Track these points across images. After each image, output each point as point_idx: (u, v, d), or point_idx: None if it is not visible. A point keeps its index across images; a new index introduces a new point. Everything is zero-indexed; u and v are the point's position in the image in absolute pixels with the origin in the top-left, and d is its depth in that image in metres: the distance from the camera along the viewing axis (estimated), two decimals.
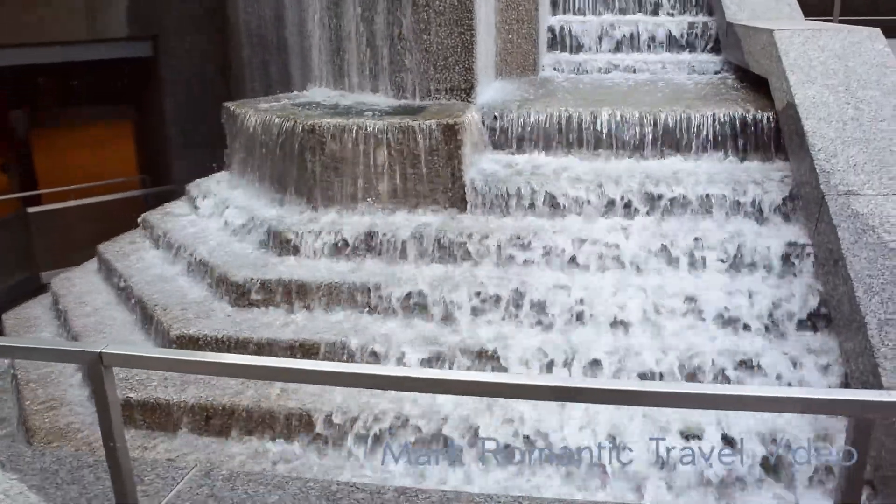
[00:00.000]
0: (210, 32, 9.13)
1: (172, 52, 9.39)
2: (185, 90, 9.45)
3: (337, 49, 5.49)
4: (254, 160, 5.21)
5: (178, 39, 9.37)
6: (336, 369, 2.21)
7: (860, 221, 3.59)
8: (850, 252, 3.49)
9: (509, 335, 3.87)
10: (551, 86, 5.90)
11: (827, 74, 4.56)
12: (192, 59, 9.36)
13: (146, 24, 9.34)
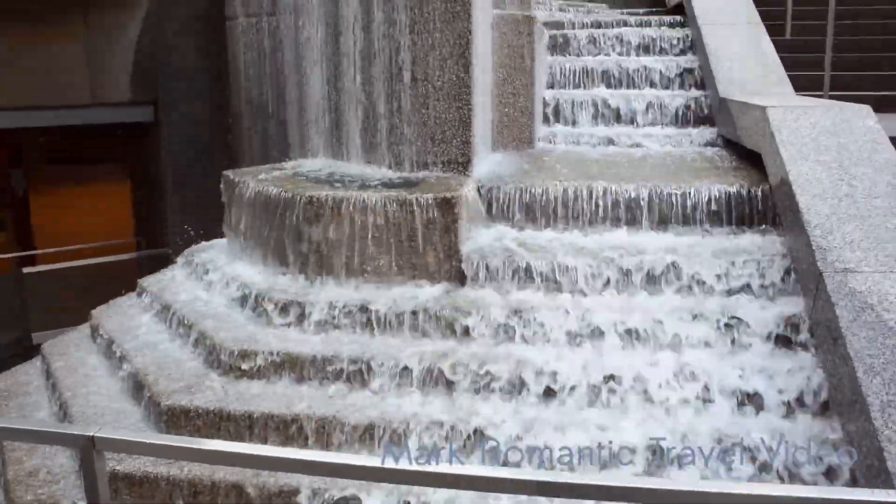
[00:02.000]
0: (211, 100, 9.27)
1: (173, 117, 9.51)
2: (183, 155, 9.54)
3: (336, 121, 5.56)
4: (251, 229, 5.22)
5: (179, 105, 9.50)
6: (326, 459, 2.18)
7: (858, 299, 3.59)
8: (849, 331, 3.47)
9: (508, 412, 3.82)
10: (547, 159, 5.96)
11: (819, 151, 4.61)
12: (193, 124, 9.47)
13: (148, 90, 9.49)
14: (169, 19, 9.37)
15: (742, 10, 7.67)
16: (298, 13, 6.12)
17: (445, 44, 4.91)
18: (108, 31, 9.23)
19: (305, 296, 4.55)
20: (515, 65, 6.09)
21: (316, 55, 5.70)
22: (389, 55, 5.03)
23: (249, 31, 7.32)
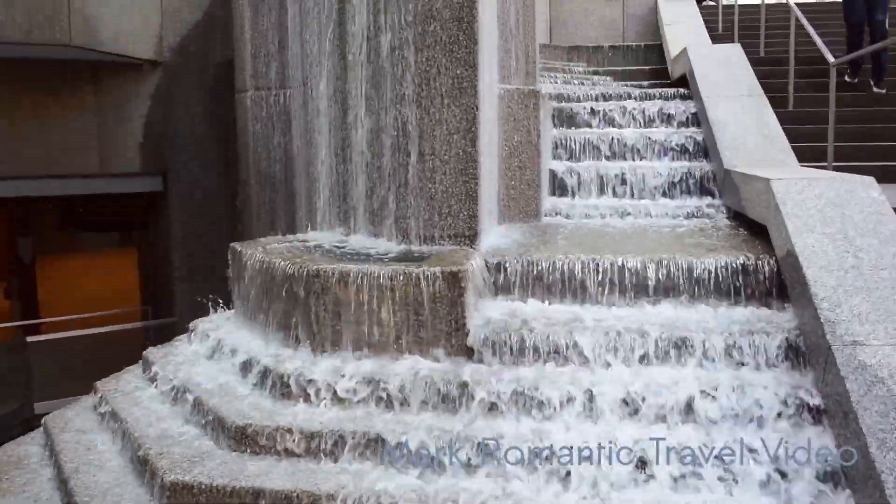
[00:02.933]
0: (219, 170, 9.39)
1: (181, 187, 9.63)
2: (191, 224, 9.62)
3: (343, 194, 5.61)
4: (258, 301, 5.22)
5: (187, 175, 9.62)
6: None
7: (869, 373, 3.55)
8: (860, 405, 3.44)
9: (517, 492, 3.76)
10: (553, 231, 5.99)
11: (825, 223, 4.63)
12: (201, 194, 9.58)
13: (157, 160, 9.61)
14: (179, 91, 9.55)
15: (745, 83, 7.79)
16: (308, 87, 6.22)
17: (452, 118, 4.98)
18: (119, 102, 9.40)
19: (311, 369, 4.52)
20: (522, 138, 6.17)
21: (324, 128, 5.78)
22: (397, 129, 5.10)
23: (259, 104, 7.44)
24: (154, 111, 9.45)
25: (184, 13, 9.52)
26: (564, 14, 13.20)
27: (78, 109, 9.17)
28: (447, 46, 4.93)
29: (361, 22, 5.32)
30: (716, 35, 11.90)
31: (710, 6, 14.49)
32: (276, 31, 7.32)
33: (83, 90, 9.19)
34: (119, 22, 8.58)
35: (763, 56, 10.26)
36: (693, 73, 8.07)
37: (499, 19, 5.98)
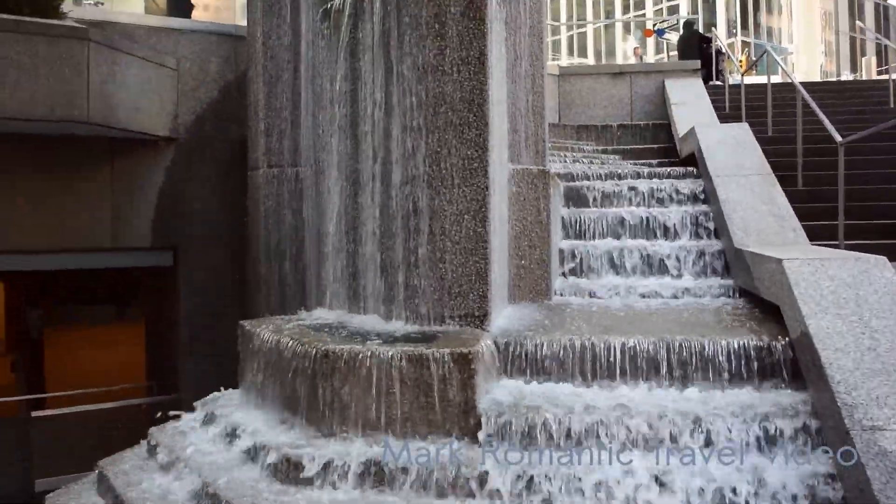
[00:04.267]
0: (230, 246, 9.42)
1: (191, 262, 9.64)
2: (200, 300, 9.61)
3: (353, 273, 5.61)
4: (266, 381, 5.18)
5: (198, 251, 9.65)
6: None
7: (890, 459, 3.47)
8: (882, 494, 3.36)
9: None
10: (563, 311, 5.95)
11: (839, 304, 4.59)
12: (210, 270, 9.59)
13: (169, 236, 9.65)
14: (193, 168, 9.66)
15: (754, 162, 7.84)
16: (320, 166, 6.29)
17: (462, 199, 5.00)
18: (134, 178, 9.49)
19: (319, 452, 4.44)
20: (531, 218, 6.19)
21: (335, 207, 5.81)
22: (407, 210, 5.12)
23: (271, 181, 7.52)
24: (167, 187, 9.54)
25: (200, 92, 9.71)
26: (573, 93, 13.40)
27: (93, 184, 9.25)
28: (458, 128, 5.00)
29: (373, 103, 5.40)
30: (723, 114, 12.03)
31: (717, 86, 14.73)
32: (289, 109, 7.44)
33: (99, 166, 9.30)
34: (136, 100, 8.73)
35: (771, 135, 10.34)
36: (701, 152, 8.13)
37: (509, 101, 6.07)
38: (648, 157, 10.76)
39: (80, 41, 7.82)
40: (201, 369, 9.28)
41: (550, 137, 8.53)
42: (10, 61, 7.42)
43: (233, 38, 9.85)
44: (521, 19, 6.44)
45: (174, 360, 10.00)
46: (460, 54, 4.99)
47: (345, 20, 5.61)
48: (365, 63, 5.47)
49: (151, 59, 9.13)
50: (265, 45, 7.59)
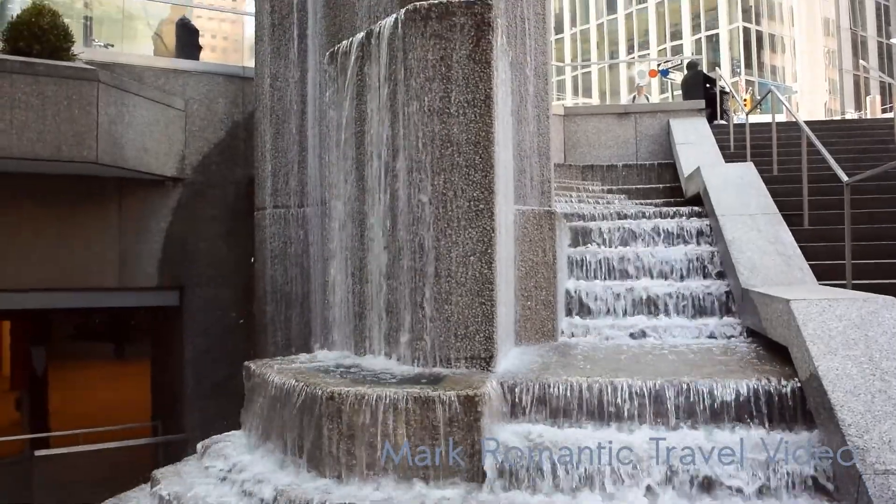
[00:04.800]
0: (237, 285, 9.44)
1: (197, 302, 9.66)
2: (205, 339, 9.61)
3: (359, 314, 5.60)
4: (271, 423, 5.14)
5: (204, 290, 9.67)
6: None
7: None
8: None
9: None
10: (570, 352, 5.92)
11: (848, 345, 4.55)
12: (216, 310, 9.60)
13: (175, 275, 9.68)
14: (199, 208, 9.71)
15: (759, 201, 7.84)
16: (326, 206, 6.31)
17: (468, 240, 5.00)
18: (141, 217, 9.54)
19: (325, 495, 4.39)
20: (537, 258, 6.19)
21: (342, 248, 5.82)
22: (413, 251, 5.12)
23: (277, 221, 7.54)
24: (174, 227, 9.59)
25: (207, 132, 9.80)
26: (579, 134, 13.47)
27: (100, 224, 9.31)
28: (464, 170, 5.01)
29: (379, 145, 5.43)
30: (728, 154, 12.07)
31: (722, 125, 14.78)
32: (296, 150, 7.50)
33: (107, 205, 9.35)
34: (144, 141, 8.81)
35: (776, 174, 10.35)
36: (707, 191, 8.14)
37: (514, 142, 6.10)
38: (654, 197, 10.78)
39: (89, 82, 7.91)
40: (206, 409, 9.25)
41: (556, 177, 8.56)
42: (18, 102, 7.52)
43: (240, 80, 9.97)
44: (526, 61, 6.50)
45: (179, 400, 9.97)
46: (466, 97, 5.02)
47: (351, 63, 5.66)
48: (371, 105, 5.51)
49: (160, 100, 9.23)
50: (273, 86, 7.67)
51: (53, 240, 9.05)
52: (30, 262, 8.92)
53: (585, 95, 64.55)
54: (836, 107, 60.07)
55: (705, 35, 59.72)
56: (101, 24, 15.60)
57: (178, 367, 10.08)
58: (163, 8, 16.59)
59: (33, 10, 8.27)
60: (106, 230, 9.36)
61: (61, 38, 8.30)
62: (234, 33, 59.42)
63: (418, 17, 5.10)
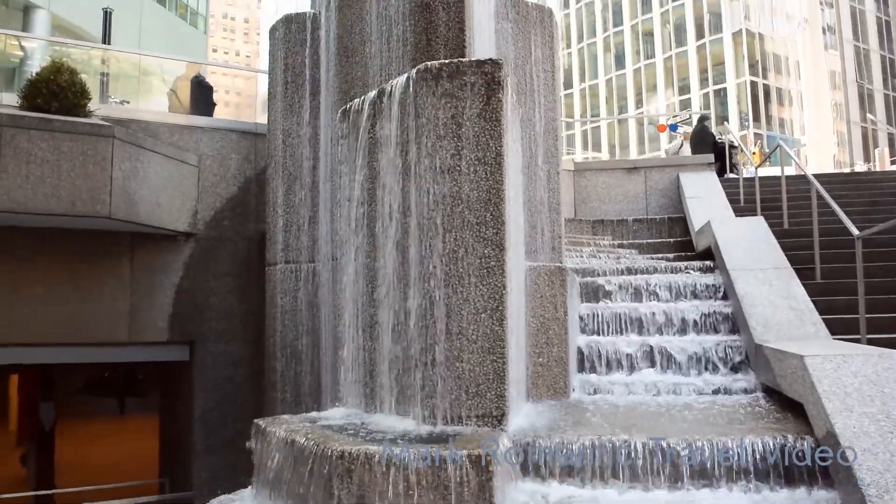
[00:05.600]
0: (246, 341, 9.44)
1: (207, 358, 9.65)
2: (215, 395, 9.57)
3: (370, 371, 5.56)
4: (279, 481, 5.08)
5: (214, 345, 9.67)
6: None
7: None
8: None
9: None
10: (583, 410, 5.86)
11: (864, 402, 4.50)
12: (226, 365, 9.59)
13: (185, 330, 9.68)
14: (211, 262, 9.76)
15: (770, 255, 7.82)
16: (337, 262, 6.32)
17: (480, 298, 4.99)
18: (153, 272, 9.58)
19: None
20: (549, 314, 6.16)
21: (352, 304, 5.81)
22: (424, 308, 5.10)
23: (288, 276, 7.55)
24: (185, 281, 9.63)
25: (220, 188, 9.89)
26: (589, 188, 13.54)
27: (112, 278, 9.35)
28: (474, 227, 5.02)
29: (391, 202, 5.45)
30: (738, 207, 12.09)
31: (732, 179, 14.83)
32: (307, 206, 7.54)
33: (119, 260, 9.40)
34: (157, 196, 8.89)
35: (787, 228, 10.35)
36: (718, 246, 8.13)
37: (525, 198, 6.13)
38: (665, 251, 10.77)
39: (105, 138, 8.02)
40: (215, 467, 9.17)
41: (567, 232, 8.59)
42: (34, 157, 7.61)
43: (253, 136, 10.10)
44: (536, 118, 6.57)
45: (188, 457, 9.89)
46: (477, 154, 5.05)
47: (363, 120, 5.72)
48: (383, 162, 5.55)
49: (174, 155, 9.34)
50: (285, 142, 7.75)
51: (65, 294, 9.08)
52: (40, 316, 8.95)
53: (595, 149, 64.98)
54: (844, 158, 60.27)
55: (713, 89, 60.25)
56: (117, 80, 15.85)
57: (186, 423, 10.02)
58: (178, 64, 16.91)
59: (53, 67, 8.43)
60: (118, 284, 9.39)
61: (78, 95, 8.44)
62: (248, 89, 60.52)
63: (430, 76, 5.16)
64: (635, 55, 67.20)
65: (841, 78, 64.33)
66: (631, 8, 67.64)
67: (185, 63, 16.20)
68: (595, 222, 12.61)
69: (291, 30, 7.87)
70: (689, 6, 62.44)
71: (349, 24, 7.16)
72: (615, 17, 69.25)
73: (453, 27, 6.16)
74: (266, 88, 8.35)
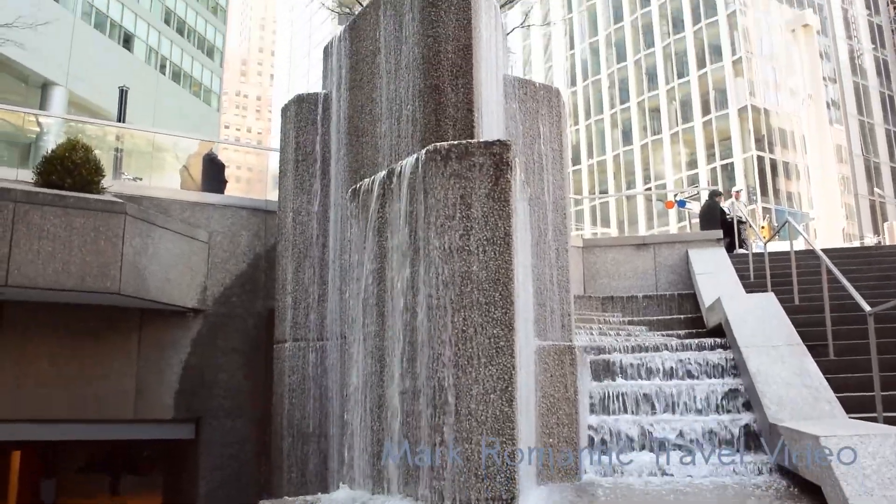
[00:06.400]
0: (253, 420, 9.34)
1: (213, 435, 9.52)
2: (221, 473, 9.42)
3: (377, 452, 5.48)
4: None
5: (220, 423, 9.55)
6: None
7: None
8: None
9: None
10: (593, 492, 5.74)
11: (884, 484, 4.41)
12: (232, 443, 9.46)
13: (191, 408, 9.58)
14: (218, 339, 9.72)
15: (782, 332, 7.76)
16: (345, 341, 6.29)
17: (489, 378, 4.94)
18: (160, 348, 9.54)
19: None
20: (559, 394, 6.09)
21: (360, 384, 5.76)
22: (433, 389, 5.06)
23: (296, 355, 7.51)
24: (193, 358, 9.57)
25: (229, 264, 9.92)
26: (598, 265, 13.54)
27: (119, 354, 9.30)
28: (484, 307, 5.00)
29: (400, 282, 5.45)
30: (748, 283, 12.04)
31: (741, 254, 14.82)
32: (317, 284, 7.54)
33: (127, 335, 9.37)
34: (167, 272, 8.91)
35: (798, 304, 10.27)
36: (729, 323, 8.08)
37: (534, 276, 6.12)
38: (675, 328, 10.70)
39: (117, 214, 8.08)
40: None
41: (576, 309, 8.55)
42: (46, 233, 7.65)
43: (263, 213, 10.17)
44: (544, 196, 6.61)
45: None
46: (486, 234, 5.07)
47: (373, 200, 5.77)
48: (392, 242, 5.57)
49: (184, 232, 9.40)
50: (295, 220, 7.80)
51: (70, 370, 9.04)
52: (45, 392, 8.89)
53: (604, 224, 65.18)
54: (854, 231, 60.29)
55: (720, 164, 60.74)
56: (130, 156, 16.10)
57: (191, 502, 9.85)
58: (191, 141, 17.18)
59: (69, 145, 8.57)
60: (125, 361, 9.34)
61: (92, 172, 8.55)
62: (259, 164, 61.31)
63: (439, 157, 5.22)
64: (642, 131, 68.00)
65: (847, 151, 64.84)
66: (637, 85, 68.72)
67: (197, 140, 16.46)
68: (605, 299, 12.57)
69: (303, 109, 8.00)
70: (694, 83, 63.41)
71: (360, 104, 7.28)
72: (622, 94, 70.32)
73: (462, 108, 6.26)
74: (277, 163, 8.44)
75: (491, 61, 6.88)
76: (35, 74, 35.59)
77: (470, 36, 6.41)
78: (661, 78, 66.66)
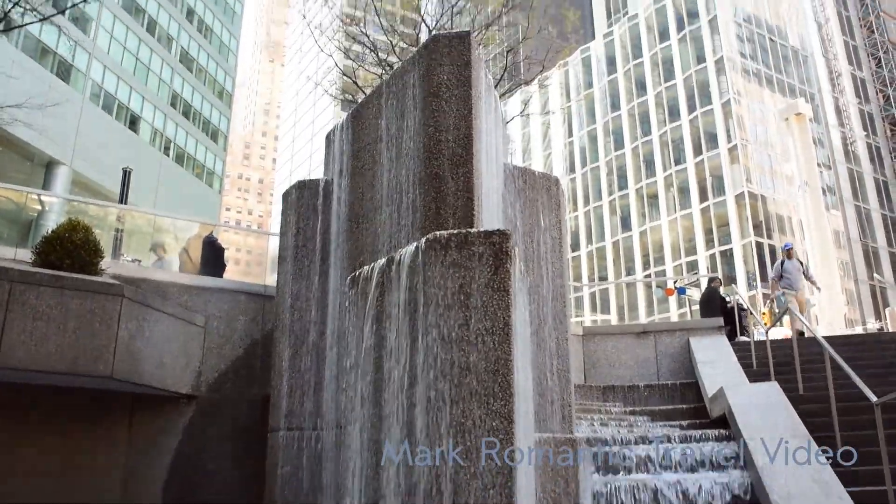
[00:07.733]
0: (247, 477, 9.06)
1: None
2: None
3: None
4: None
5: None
6: None
7: None
8: None
9: None
10: None
11: None
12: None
13: (182, 497, 9.32)
14: (211, 426, 9.52)
15: (787, 423, 7.63)
16: (341, 431, 6.14)
17: (488, 473, 4.79)
18: (150, 434, 9.34)
19: None
20: (559, 489, 5.93)
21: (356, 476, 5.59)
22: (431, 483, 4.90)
23: (290, 444, 7.34)
24: (183, 446, 9.35)
25: (225, 349, 9.80)
26: (598, 353, 13.40)
27: (109, 441, 9.09)
28: (482, 398, 4.89)
29: (398, 371, 5.35)
30: (751, 371, 11.86)
31: (743, 342, 14.66)
32: (313, 371, 7.43)
33: (117, 421, 9.18)
34: (162, 356, 8.78)
35: (802, 393, 10.09)
36: (733, 413, 7.92)
37: (533, 366, 6.01)
38: (678, 418, 10.48)
39: (113, 297, 7.99)
40: None
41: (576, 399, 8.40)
42: (41, 314, 7.54)
43: (261, 297, 10.10)
44: (543, 284, 6.55)
45: None
46: (485, 324, 5.00)
47: (372, 288, 5.71)
48: (390, 331, 5.49)
49: (181, 315, 9.31)
50: (293, 306, 7.73)
51: (58, 456, 8.82)
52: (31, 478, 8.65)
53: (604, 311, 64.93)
54: (855, 317, 60.09)
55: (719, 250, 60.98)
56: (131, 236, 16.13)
57: None
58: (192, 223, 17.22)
59: (69, 225, 8.54)
60: (114, 447, 9.13)
61: (91, 254, 8.50)
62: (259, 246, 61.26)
63: (438, 246, 5.19)
64: (641, 217, 68.50)
65: (845, 237, 65.21)
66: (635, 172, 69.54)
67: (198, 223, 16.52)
68: (605, 388, 12.37)
69: (304, 195, 8.02)
70: (691, 170, 64.17)
71: (361, 191, 7.30)
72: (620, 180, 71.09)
73: (462, 196, 6.26)
74: (277, 247, 8.41)
75: (491, 150, 6.92)
76: (41, 153, 36.08)
77: (470, 125, 6.46)
78: (659, 165, 67.56)
